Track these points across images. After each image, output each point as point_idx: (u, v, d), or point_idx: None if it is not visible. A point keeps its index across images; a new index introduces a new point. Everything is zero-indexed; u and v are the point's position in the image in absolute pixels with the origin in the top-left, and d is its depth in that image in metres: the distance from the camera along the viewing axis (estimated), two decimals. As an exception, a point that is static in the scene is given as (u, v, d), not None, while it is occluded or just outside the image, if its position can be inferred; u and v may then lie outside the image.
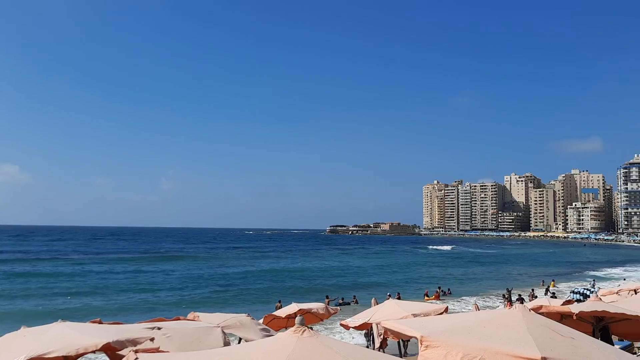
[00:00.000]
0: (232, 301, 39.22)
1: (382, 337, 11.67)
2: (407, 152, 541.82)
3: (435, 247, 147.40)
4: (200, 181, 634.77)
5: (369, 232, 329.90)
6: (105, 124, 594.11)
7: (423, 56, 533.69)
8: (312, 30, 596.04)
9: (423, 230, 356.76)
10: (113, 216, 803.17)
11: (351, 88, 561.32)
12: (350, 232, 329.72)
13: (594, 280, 45.86)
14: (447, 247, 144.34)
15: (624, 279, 51.83)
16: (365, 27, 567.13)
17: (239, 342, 11.92)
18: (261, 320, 15.56)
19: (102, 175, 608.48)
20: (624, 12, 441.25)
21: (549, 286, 44.49)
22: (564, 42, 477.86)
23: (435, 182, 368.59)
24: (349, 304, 34.82)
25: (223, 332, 10.56)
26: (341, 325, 14.12)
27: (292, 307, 16.43)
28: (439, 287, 42.79)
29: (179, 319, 12.17)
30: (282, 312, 16.73)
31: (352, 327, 13.80)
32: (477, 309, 15.57)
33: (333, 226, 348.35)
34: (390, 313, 12.46)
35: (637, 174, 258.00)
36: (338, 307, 16.56)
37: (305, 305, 16.56)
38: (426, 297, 38.43)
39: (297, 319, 5.87)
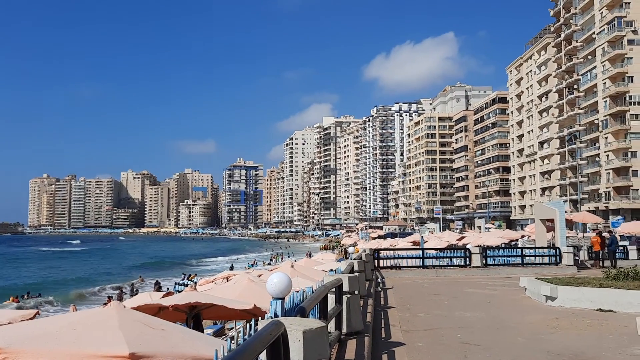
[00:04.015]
0: None
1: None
2: (13, 144, 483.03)
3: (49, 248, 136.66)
4: None
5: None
6: None
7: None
8: None
9: (28, 228, 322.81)
10: None
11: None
12: None
13: (193, 274, 49.23)
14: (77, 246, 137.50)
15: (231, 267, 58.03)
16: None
17: None
18: None
19: None
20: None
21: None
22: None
23: (45, 176, 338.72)
24: None
25: None
26: None
27: None
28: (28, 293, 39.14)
29: None
30: None
31: None
32: (75, 309, 14.91)
33: None
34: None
35: (239, 175, 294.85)
36: None
37: None
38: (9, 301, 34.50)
39: None
